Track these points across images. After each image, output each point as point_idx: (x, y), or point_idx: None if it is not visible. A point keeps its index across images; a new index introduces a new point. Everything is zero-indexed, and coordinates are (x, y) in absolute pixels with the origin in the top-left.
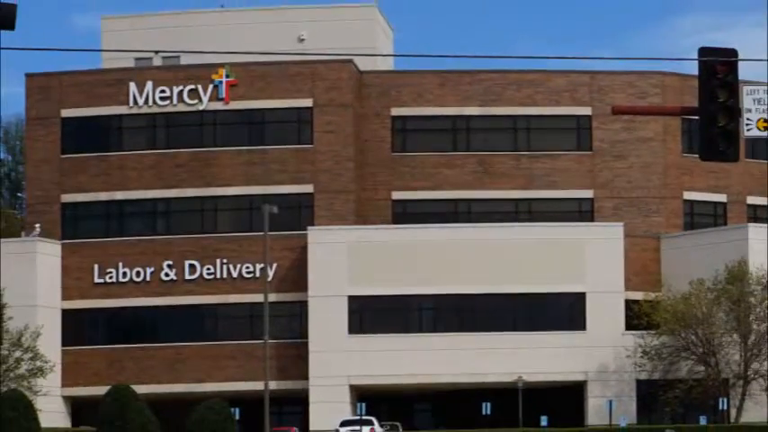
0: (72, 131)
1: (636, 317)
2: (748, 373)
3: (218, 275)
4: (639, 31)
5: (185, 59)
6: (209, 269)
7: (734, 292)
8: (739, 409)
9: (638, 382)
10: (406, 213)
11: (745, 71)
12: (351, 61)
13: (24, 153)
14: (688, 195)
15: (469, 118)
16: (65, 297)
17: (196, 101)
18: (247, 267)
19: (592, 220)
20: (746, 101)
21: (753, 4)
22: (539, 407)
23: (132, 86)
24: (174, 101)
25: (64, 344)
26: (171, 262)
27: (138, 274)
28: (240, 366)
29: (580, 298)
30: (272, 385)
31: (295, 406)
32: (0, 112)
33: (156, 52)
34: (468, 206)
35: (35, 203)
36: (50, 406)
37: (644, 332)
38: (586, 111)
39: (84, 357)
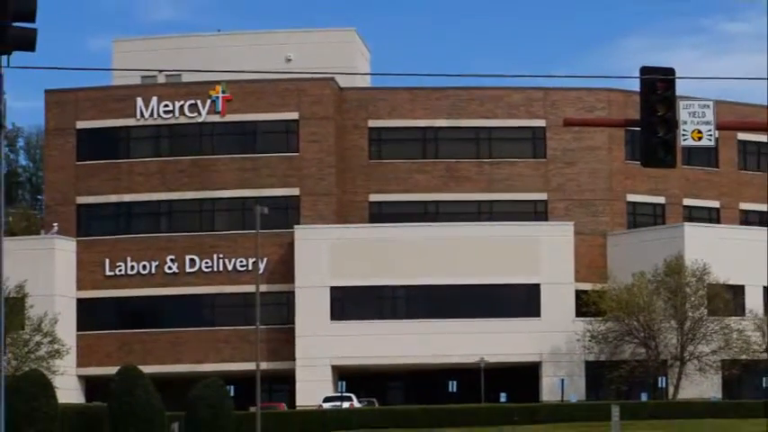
0: (86, 141)
1: (584, 305)
2: (684, 355)
3: (215, 269)
4: (588, 52)
5: (186, 77)
6: (207, 263)
7: (671, 283)
8: (676, 387)
9: (587, 363)
10: (382, 214)
11: (681, 87)
12: (332, 79)
13: (43, 160)
14: (631, 198)
15: (437, 129)
16: (79, 288)
17: (195, 114)
18: (241, 261)
19: (546, 219)
20: (683, 114)
21: (689, 29)
22: (498, 385)
23: (139, 101)
24: (176, 114)
25: (78, 329)
26: (173, 256)
27: (144, 267)
28: (234, 349)
29: (535, 288)
30: (263, 366)
31: (283, 384)
32: (9, 123)
33: (161, 71)
34: (436, 207)
35: (53, 205)
36: (67, 384)
37: (592, 319)
38: (541, 123)
39: (97, 341)
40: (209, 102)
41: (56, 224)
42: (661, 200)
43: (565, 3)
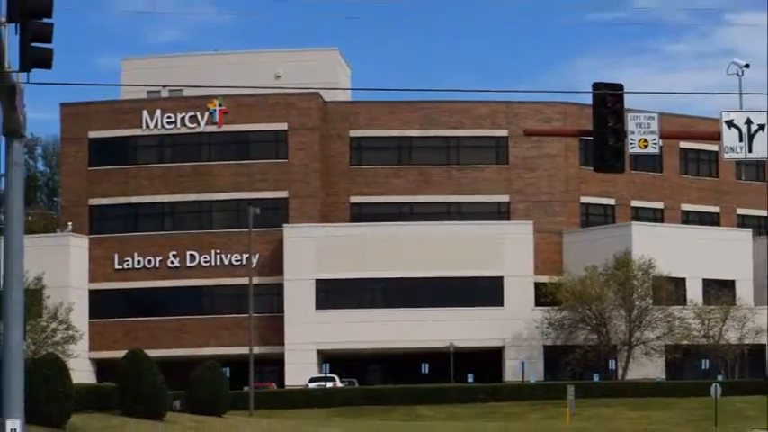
0: (97, 149)
1: (543, 296)
2: (632, 340)
3: (213, 263)
4: (547, 70)
5: (187, 92)
6: (205, 258)
7: (620, 276)
8: (625, 369)
9: (545, 347)
10: (361, 214)
11: (629, 101)
12: (317, 94)
13: (59, 166)
14: (584, 200)
15: (411, 138)
16: (91, 280)
17: (195, 125)
18: (236, 257)
19: (508, 219)
20: (630, 125)
21: (636, 49)
22: (466, 367)
23: (145, 114)
24: (178, 125)
25: (90, 317)
26: (175, 252)
27: (149, 261)
28: (230, 335)
29: (498, 281)
30: (255, 350)
31: (273, 366)
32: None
33: (164, 87)
34: (410, 208)
35: (67, 206)
36: (80, 366)
37: (549, 308)
38: (503, 133)
39: (107, 328)
40: (207, 114)
41: (70, 223)
42: (611, 201)
43: (527, 26)
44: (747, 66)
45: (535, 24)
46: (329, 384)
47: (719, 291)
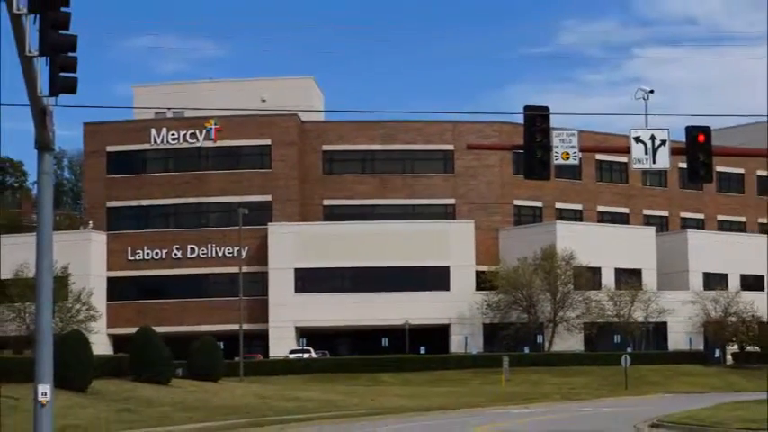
0: (113, 160)
1: (482, 282)
2: (556, 318)
3: (210, 255)
4: (486, 95)
5: (188, 113)
6: (203, 251)
7: (546, 265)
8: (550, 342)
9: (484, 324)
10: (333, 214)
11: (553, 121)
12: (296, 115)
13: (82, 174)
14: (516, 202)
15: (374, 152)
16: (108, 269)
17: (194, 140)
18: (228, 250)
19: (454, 218)
20: (555, 140)
21: (560, 78)
22: (419, 341)
23: (153, 131)
24: (180, 140)
25: (108, 300)
26: (178, 246)
27: (156, 254)
28: (224, 314)
29: (446, 269)
30: (245, 327)
31: (259, 340)
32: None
33: (169, 109)
34: (373, 209)
35: (89, 208)
36: (99, 340)
37: (488, 292)
38: (450, 147)
39: (121, 308)
40: (204, 131)
41: (91, 222)
42: (539, 204)
43: (471, 59)
44: (652, 91)
45: (478, 57)
46: (306, 355)
47: (628, 278)
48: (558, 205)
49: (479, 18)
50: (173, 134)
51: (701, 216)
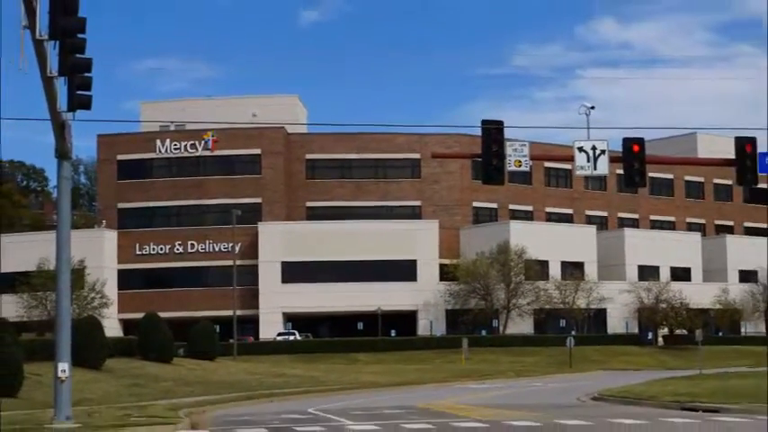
0: (124, 167)
1: (445, 273)
2: (509, 305)
3: (208, 250)
4: (449, 111)
5: (188, 126)
6: (202, 246)
7: (501, 259)
8: (504, 326)
9: (447, 310)
10: (315, 215)
11: (507, 133)
12: (283, 128)
13: (96, 179)
14: (475, 204)
15: (351, 160)
16: (119, 262)
17: (194, 150)
18: (224, 245)
19: (420, 218)
20: (508, 150)
21: (513, 96)
22: (390, 325)
23: (158, 142)
24: (182, 150)
25: (119, 289)
26: (180, 242)
27: (161, 249)
28: (220, 301)
29: (413, 262)
30: (238, 312)
31: (251, 324)
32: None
33: (172, 122)
34: (350, 210)
35: (102, 209)
36: (111, 324)
37: (450, 282)
38: (417, 156)
39: (130, 297)
40: (203, 142)
41: (104, 221)
42: (495, 205)
43: (436, 78)
44: (593, 107)
45: (442, 77)
46: (291, 337)
47: (573, 270)
48: (512, 206)
49: (444, 43)
50: (175, 145)
51: (635, 216)
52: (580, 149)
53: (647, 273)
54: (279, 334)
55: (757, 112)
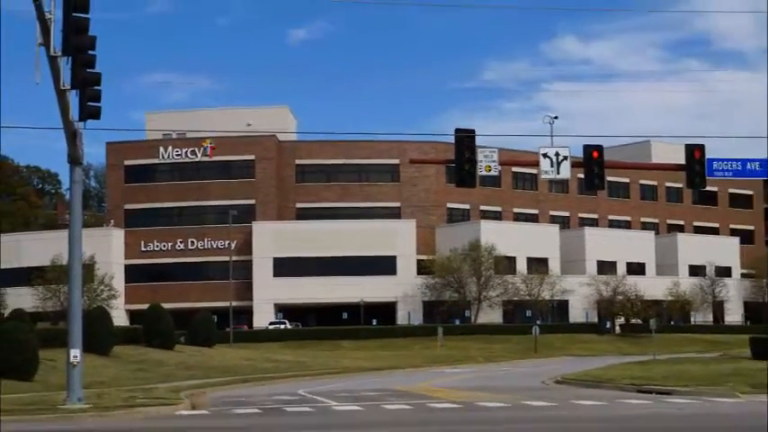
0: (130, 172)
1: (422, 268)
2: (480, 297)
3: (207, 247)
4: (426, 120)
5: (189, 135)
6: (201, 243)
7: (473, 255)
8: (476, 316)
9: (424, 302)
10: (304, 215)
11: (478, 141)
12: (274, 136)
13: (105, 183)
14: (449, 205)
15: (337, 165)
16: (126, 258)
17: (194, 156)
18: (221, 243)
19: (399, 218)
20: (480, 156)
21: (483, 107)
22: (372, 315)
23: (161, 149)
24: (183, 156)
25: (126, 282)
26: (181, 240)
27: (164, 246)
28: (218, 293)
29: (393, 258)
30: (234, 303)
31: (245, 314)
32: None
33: (174, 131)
34: (336, 211)
35: (110, 210)
36: (119, 314)
37: (427, 276)
38: (397, 161)
39: (136, 289)
40: (202, 149)
41: (112, 221)
42: (467, 206)
43: (413, 91)
44: (556, 117)
45: (419, 90)
46: (282, 326)
47: (538, 265)
48: (483, 207)
49: (421, 59)
50: (177, 151)
51: (595, 216)
52: (545, 155)
53: (606, 267)
54: (271, 323)
55: (704, 120)
